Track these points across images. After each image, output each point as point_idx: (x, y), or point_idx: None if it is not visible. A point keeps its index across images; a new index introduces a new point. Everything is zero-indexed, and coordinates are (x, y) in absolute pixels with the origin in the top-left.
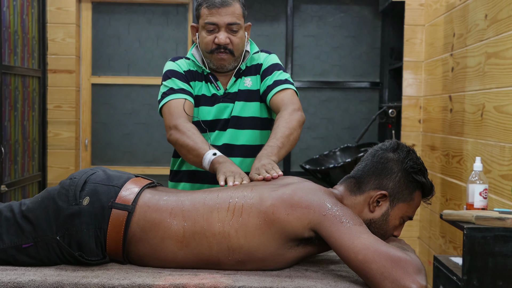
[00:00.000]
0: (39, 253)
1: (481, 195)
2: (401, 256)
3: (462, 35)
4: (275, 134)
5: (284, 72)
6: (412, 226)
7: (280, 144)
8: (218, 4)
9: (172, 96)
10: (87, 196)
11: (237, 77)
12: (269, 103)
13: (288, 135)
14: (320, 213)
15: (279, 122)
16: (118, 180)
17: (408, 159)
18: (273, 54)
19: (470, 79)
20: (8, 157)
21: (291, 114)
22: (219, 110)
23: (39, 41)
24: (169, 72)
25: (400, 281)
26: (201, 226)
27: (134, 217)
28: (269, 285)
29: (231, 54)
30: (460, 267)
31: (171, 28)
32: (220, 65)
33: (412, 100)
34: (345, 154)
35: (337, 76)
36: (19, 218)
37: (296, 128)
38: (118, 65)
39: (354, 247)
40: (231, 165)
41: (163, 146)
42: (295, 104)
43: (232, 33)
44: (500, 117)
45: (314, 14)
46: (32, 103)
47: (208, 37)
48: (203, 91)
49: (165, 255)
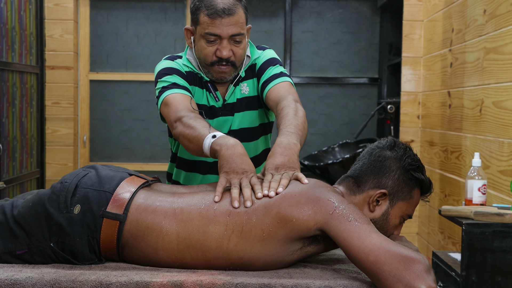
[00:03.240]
0: (34, 259)
1: (480, 190)
2: (413, 256)
3: (461, 30)
4: (287, 122)
5: (279, 66)
6: (411, 222)
7: (296, 130)
8: (220, 13)
9: (177, 90)
10: (78, 204)
11: (236, 85)
12: (265, 100)
13: (302, 123)
14: (327, 212)
15: (286, 111)
16: (110, 183)
17: (406, 157)
18: (267, 50)
19: (469, 75)
20: (6, 154)
21: (294, 106)
22: (218, 124)
23: (36, 37)
24: (169, 69)
25: (413, 283)
26: (197, 239)
27: (126, 225)
28: (267, 281)
29: (232, 66)
30: (458, 263)
31: (169, 24)
32: (220, 78)
33: (410, 96)
34: (343, 150)
35: (336, 72)
36: (11, 223)
37: (304, 118)
38: (116, 61)
39: (365, 248)
40: (236, 157)
41: (161, 142)
42: (294, 95)
43: (235, 43)
44: (499, 112)
45: (312, 9)
46: (30, 99)
47: (209, 49)
48: (202, 101)
49: (159, 265)
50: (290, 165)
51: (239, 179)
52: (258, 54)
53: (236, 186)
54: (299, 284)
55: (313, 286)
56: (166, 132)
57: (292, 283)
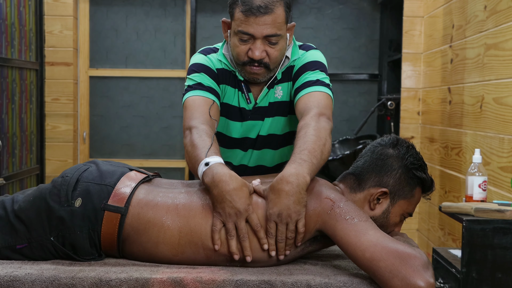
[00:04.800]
0: (34, 253)
1: (480, 187)
2: (410, 252)
3: (461, 26)
4: (302, 146)
5: (319, 71)
6: (411, 218)
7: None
8: (255, 11)
9: (200, 93)
10: (79, 197)
11: (270, 87)
12: (295, 110)
13: (320, 146)
14: (325, 211)
15: (305, 131)
16: (111, 177)
17: (409, 155)
18: (311, 50)
19: (469, 71)
20: (6, 150)
21: (315, 123)
22: (247, 128)
23: (36, 33)
24: (199, 66)
25: (410, 279)
26: (199, 236)
27: (127, 218)
28: (267, 278)
29: (266, 68)
30: (459, 260)
31: (169, 20)
32: (252, 78)
33: (411, 92)
34: (344, 147)
35: (336, 68)
36: (12, 218)
37: (326, 137)
38: (116, 57)
39: (361, 245)
40: (226, 194)
41: (161, 138)
42: (322, 108)
43: (270, 45)
44: (499, 108)
45: (312, 5)
46: (30, 95)
47: (241, 47)
48: (233, 101)
49: (159, 260)
50: (296, 208)
51: (233, 223)
52: (299, 55)
53: (233, 236)
54: (299, 281)
55: (313, 283)
56: (165, 129)
57: (292, 280)
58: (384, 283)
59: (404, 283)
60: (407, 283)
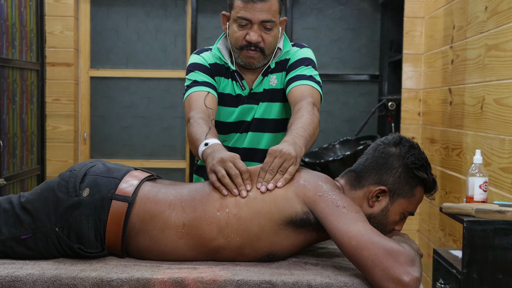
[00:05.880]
0: (38, 244)
1: (481, 188)
2: (394, 246)
3: (462, 27)
4: (299, 124)
5: (312, 68)
6: (412, 219)
7: (305, 134)
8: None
9: (194, 89)
10: (87, 188)
11: (264, 75)
12: (287, 97)
13: (313, 129)
14: (315, 192)
15: (302, 113)
16: (118, 172)
17: (410, 154)
18: (305, 48)
19: (470, 72)
20: (7, 151)
21: (311, 109)
22: (242, 111)
23: (37, 34)
24: (192, 65)
25: (391, 270)
26: (201, 211)
27: (134, 208)
28: (268, 278)
29: (261, 52)
30: (459, 260)
31: (170, 21)
32: (249, 63)
33: (411, 93)
34: (344, 147)
35: (336, 69)
36: (18, 210)
37: (317, 125)
38: (116, 58)
39: (349, 232)
40: (218, 151)
41: (162, 139)
42: (315, 100)
43: (266, 30)
44: (500, 109)
45: (313, 6)
46: (31, 96)
47: (239, 32)
48: (228, 90)
49: (164, 246)
50: (294, 156)
51: (222, 168)
52: (291, 48)
53: (224, 176)
54: (300, 281)
55: (314, 283)
56: (166, 129)
57: (293, 280)
58: (366, 272)
59: (385, 273)
60: (388, 274)
